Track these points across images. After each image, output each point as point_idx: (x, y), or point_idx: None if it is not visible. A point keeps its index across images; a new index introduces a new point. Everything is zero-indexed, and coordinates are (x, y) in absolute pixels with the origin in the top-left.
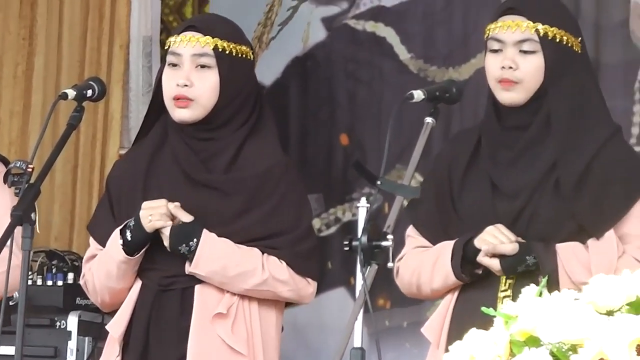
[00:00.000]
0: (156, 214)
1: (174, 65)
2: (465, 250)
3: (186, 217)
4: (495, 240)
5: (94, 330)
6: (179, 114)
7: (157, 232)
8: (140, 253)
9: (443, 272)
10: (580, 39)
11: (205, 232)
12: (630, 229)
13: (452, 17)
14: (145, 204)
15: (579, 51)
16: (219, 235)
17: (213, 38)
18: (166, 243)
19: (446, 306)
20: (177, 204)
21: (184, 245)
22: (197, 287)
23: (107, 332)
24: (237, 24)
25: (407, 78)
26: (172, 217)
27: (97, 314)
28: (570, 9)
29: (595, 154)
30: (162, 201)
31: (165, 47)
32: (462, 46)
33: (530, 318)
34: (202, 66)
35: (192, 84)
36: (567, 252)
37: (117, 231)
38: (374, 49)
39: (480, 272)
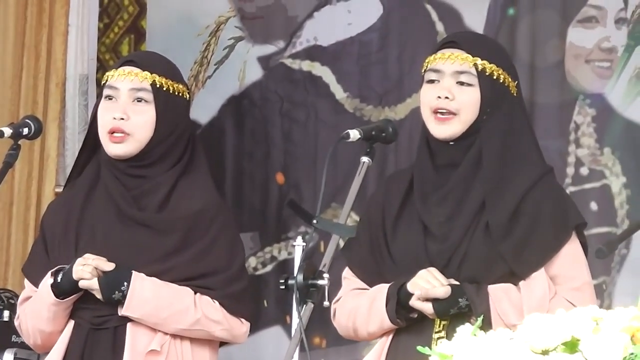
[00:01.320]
0: (89, 266)
1: (111, 98)
2: (400, 295)
3: (108, 267)
4: (428, 285)
5: None
6: (114, 149)
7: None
8: (70, 298)
9: (378, 317)
10: (517, 82)
11: (134, 274)
12: (560, 271)
13: (387, 57)
14: (88, 255)
15: (515, 94)
16: (150, 273)
17: (151, 74)
18: (99, 296)
19: (381, 347)
20: (98, 257)
21: (116, 292)
22: (129, 325)
23: None
24: (174, 62)
25: (343, 117)
26: (99, 274)
27: (33, 351)
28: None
29: (523, 196)
30: (102, 259)
31: (103, 82)
32: (397, 86)
33: (466, 358)
34: (139, 100)
35: (129, 117)
36: (499, 294)
37: (49, 273)
38: (310, 88)
39: (416, 316)
